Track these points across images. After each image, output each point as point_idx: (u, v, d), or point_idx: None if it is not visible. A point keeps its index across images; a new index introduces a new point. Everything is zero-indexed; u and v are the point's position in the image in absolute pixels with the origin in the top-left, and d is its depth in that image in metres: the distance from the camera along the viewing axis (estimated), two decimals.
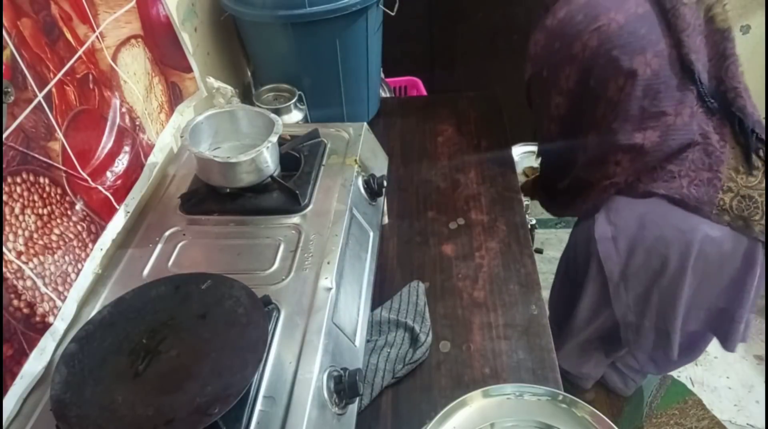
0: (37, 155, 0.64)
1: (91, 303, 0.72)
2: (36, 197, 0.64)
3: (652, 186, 1.00)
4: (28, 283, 0.62)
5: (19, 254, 0.61)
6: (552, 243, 2.13)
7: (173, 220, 0.82)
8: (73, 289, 0.69)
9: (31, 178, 0.63)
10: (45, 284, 0.65)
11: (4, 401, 0.58)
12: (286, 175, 0.86)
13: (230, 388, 0.53)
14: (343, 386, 0.61)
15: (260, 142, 0.80)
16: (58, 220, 0.68)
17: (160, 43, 0.96)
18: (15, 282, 0.60)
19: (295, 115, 1.18)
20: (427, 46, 2.13)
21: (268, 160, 0.82)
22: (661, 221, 1.00)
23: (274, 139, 0.81)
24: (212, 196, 0.84)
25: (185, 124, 0.85)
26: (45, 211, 0.66)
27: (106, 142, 0.78)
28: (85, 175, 0.73)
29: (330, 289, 0.68)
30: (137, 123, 0.86)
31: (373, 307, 0.83)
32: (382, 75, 1.59)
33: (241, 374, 0.54)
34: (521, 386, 0.57)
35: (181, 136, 0.83)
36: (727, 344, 1.12)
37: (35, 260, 0.63)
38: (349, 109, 1.31)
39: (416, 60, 2.10)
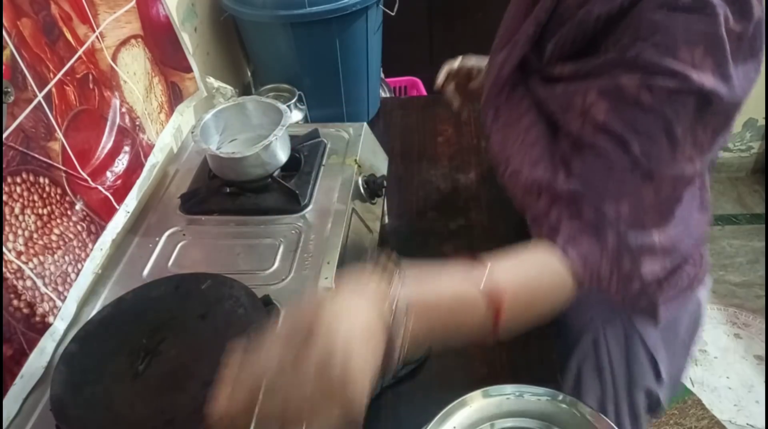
0: (37, 155, 0.64)
1: (91, 303, 0.72)
2: (36, 197, 0.64)
3: None
4: (28, 283, 0.62)
5: (19, 254, 0.61)
6: None
7: (173, 220, 0.82)
8: (73, 289, 0.69)
9: (31, 178, 0.63)
10: (45, 284, 0.65)
11: (4, 401, 0.58)
12: (286, 175, 0.86)
13: None
14: None
15: (271, 133, 0.82)
16: (58, 220, 0.68)
17: (160, 43, 0.96)
18: (15, 282, 0.60)
19: (295, 115, 1.18)
20: (427, 46, 2.13)
21: (278, 151, 0.83)
22: None
23: (280, 132, 0.82)
24: (212, 196, 0.84)
25: (197, 119, 0.86)
26: (45, 211, 0.66)
27: (106, 142, 0.78)
28: (85, 175, 0.73)
29: (330, 289, 0.68)
30: (137, 123, 0.86)
31: None
32: (382, 75, 1.58)
33: None
34: (521, 386, 0.57)
35: (192, 132, 0.85)
36: None
37: (35, 260, 0.63)
38: (349, 109, 1.31)
39: (416, 60, 2.09)
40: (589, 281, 0.53)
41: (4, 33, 0.60)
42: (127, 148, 0.82)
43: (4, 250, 0.59)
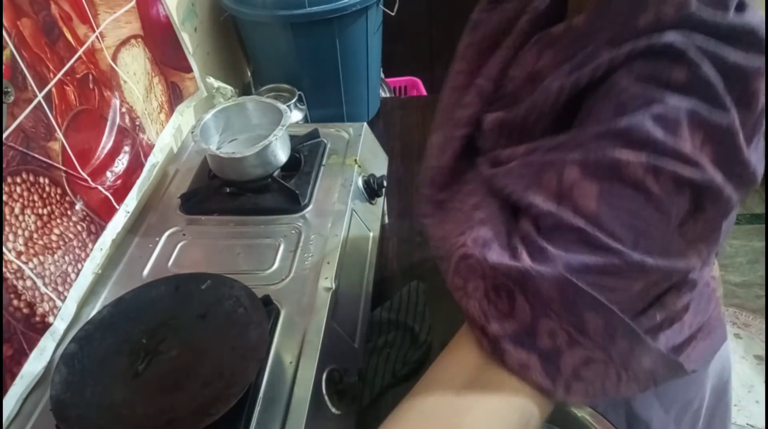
0: (37, 155, 0.64)
1: (91, 303, 0.72)
2: (36, 197, 0.64)
3: None
4: (28, 283, 0.62)
5: (19, 254, 0.61)
6: None
7: (173, 220, 0.82)
8: (73, 289, 0.69)
9: (31, 178, 0.63)
10: (45, 284, 0.65)
11: (4, 401, 0.58)
12: (286, 175, 0.86)
13: (230, 388, 0.53)
14: (343, 386, 0.61)
15: (271, 133, 0.82)
16: (58, 220, 0.68)
17: (160, 43, 0.96)
18: (15, 282, 0.60)
19: (295, 115, 1.18)
20: (427, 46, 2.13)
21: (277, 151, 0.83)
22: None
23: (280, 132, 0.82)
24: (212, 196, 0.84)
25: (197, 119, 0.86)
26: (45, 211, 0.66)
27: (106, 142, 0.78)
28: (85, 175, 0.73)
29: (330, 289, 0.68)
30: (137, 123, 0.86)
31: (373, 307, 0.83)
32: (382, 75, 1.58)
33: (241, 374, 0.54)
34: None
35: (192, 132, 0.85)
36: None
37: (35, 260, 0.63)
38: (349, 109, 1.31)
39: (416, 60, 2.10)
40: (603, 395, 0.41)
41: (4, 33, 0.60)
42: (127, 148, 0.82)
43: (4, 250, 0.59)
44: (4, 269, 0.58)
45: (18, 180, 0.61)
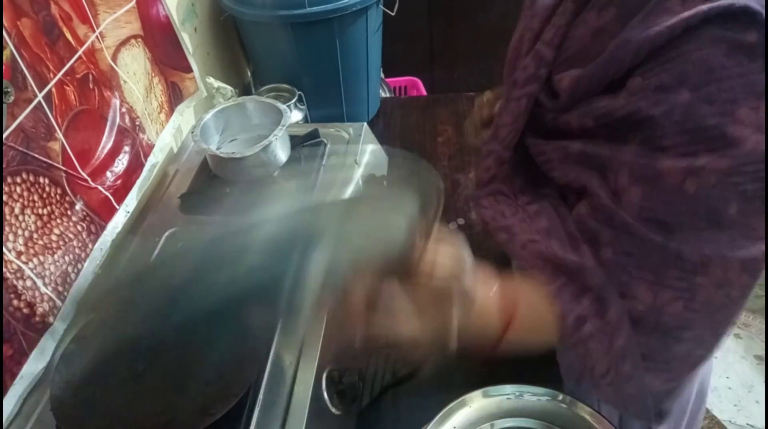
0: (37, 155, 0.64)
1: (91, 303, 0.71)
2: (36, 197, 0.64)
3: None
4: (28, 283, 0.62)
5: (19, 254, 0.61)
6: None
7: (173, 220, 0.82)
8: (73, 289, 0.69)
9: (31, 178, 0.63)
10: (45, 284, 0.65)
11: (4, 401, 0.58)
12: (286, 175, 0.86)
13: (230, 388, 0.53)
14: (343, 386, 0.61)
15: (271, 133, 0.82)
16: (58, 220, 0.68)
17: (160, 43, 0.96)
18: (15, 282, 0.60)
19: (295, 115, 1.18)
20: (427, 46, 2.13)
21: (277, 151, 0.83)
22: None
23: (280, 132, 0.82)
24: (212, 196, 0.84)
25: (197, 119, 0.86)
26: (45, 211, 0.66)
27: (106, 142, 0.78)
28: (85, 175, 0.73)
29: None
30: (137, 123, 0.86)
31: None
32: (382, 75, 1.58)
33: (241, 374, 0.54)
34: (521, 386, 0.57)
35: (192, 132, 0.85)
36: None
37: (35, 260, 0.63)
38: (349, 109, 1.31)
39: (416, 60, 2.10)
40: (582, 371, 0.51)
41: (4, 33, 0.60)
42: (127, 148, 0.82)
43: (4, 250, 0.59)
44: (4, 269, 0.58)
45: (18, 180, 0.61)
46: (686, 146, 0.41)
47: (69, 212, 0.70)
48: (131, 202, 0.82)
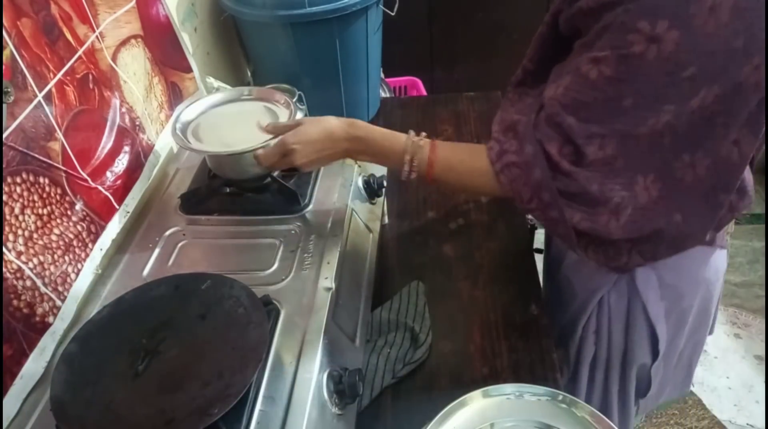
0: (37, 155, 0.64)
1: (91, 303, 0.71)
2: (36, 197, 0.64)
3: None
4: (28, 283, 0.62)
5: (19, 254, 0.61)
6: None
7: (173, 220, 0.82)
8: (73, 289, 0.69)
9: (31, 178, 0.63)
10: (45, 284, 0.65)
11: (4, 401, 0.58)
12: (286, 174, 0.86)
13: (230, 388, 0.53)
14: (343, 386, 0.61)
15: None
16: (58, 220, 0.68)
17: (160, 43, 0.96)
18: (15, 282, 0.60)
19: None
20: (427, 46, 2.13)
21: None
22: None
23: None
24: (212, 196, 0.84)
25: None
26: (45, 211, 0.66)
27: (106, 142, 0.78)
28: (85, 175, 0.73)
29: (330, 289, 0.68)
30: (137, 123, 0.86)
31: (373, 307, 0.83)
32: (382, 75, 1.58)
33: (241, 374, 0.54)
34: (521, 386, 0.57)
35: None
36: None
37: (35, 260, 0.63)
38: (349, 109, 1.31)
39: (416, 60, 2.10)
40: (512, 194, 0.66)
41: (4, 33, 0.60)
42: (127, 148, 0.82)
43: (4, 250, 0.59)
44: (4, 269, 0.58)
45: (18, 180, 0.61)
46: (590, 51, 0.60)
47: (69, 212, 0.70)
48: (131, 202, 0.82)
